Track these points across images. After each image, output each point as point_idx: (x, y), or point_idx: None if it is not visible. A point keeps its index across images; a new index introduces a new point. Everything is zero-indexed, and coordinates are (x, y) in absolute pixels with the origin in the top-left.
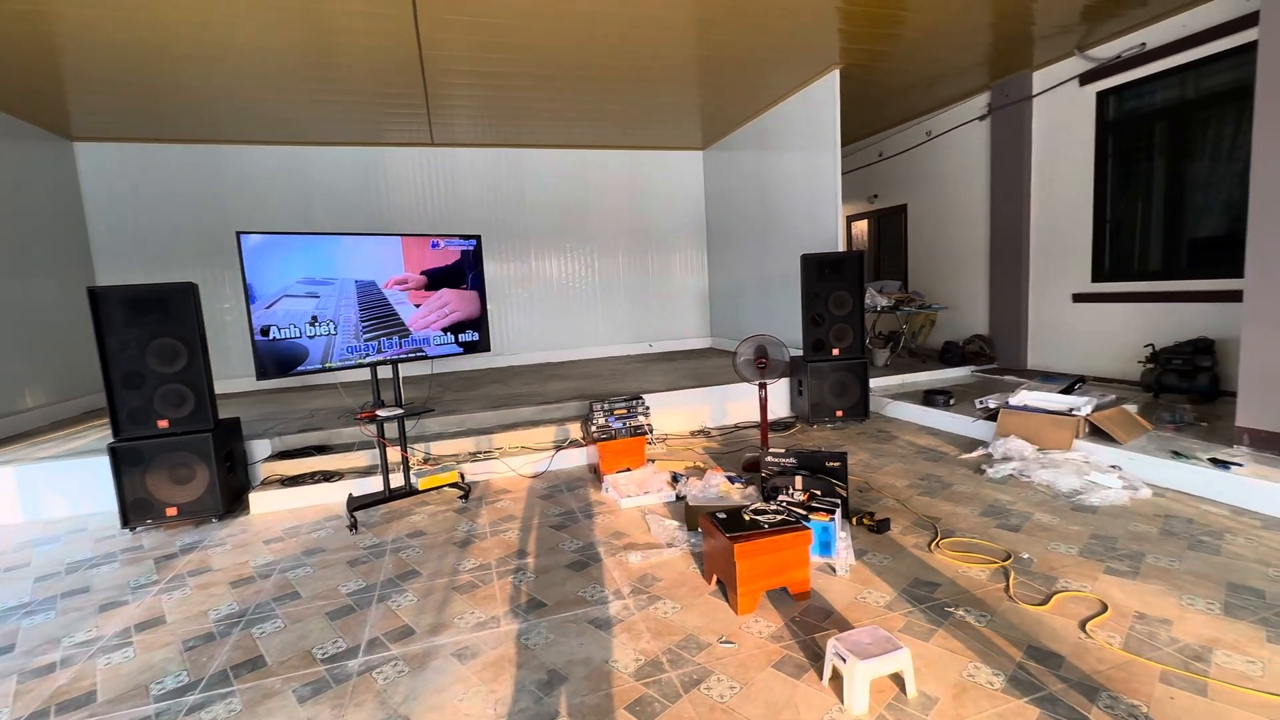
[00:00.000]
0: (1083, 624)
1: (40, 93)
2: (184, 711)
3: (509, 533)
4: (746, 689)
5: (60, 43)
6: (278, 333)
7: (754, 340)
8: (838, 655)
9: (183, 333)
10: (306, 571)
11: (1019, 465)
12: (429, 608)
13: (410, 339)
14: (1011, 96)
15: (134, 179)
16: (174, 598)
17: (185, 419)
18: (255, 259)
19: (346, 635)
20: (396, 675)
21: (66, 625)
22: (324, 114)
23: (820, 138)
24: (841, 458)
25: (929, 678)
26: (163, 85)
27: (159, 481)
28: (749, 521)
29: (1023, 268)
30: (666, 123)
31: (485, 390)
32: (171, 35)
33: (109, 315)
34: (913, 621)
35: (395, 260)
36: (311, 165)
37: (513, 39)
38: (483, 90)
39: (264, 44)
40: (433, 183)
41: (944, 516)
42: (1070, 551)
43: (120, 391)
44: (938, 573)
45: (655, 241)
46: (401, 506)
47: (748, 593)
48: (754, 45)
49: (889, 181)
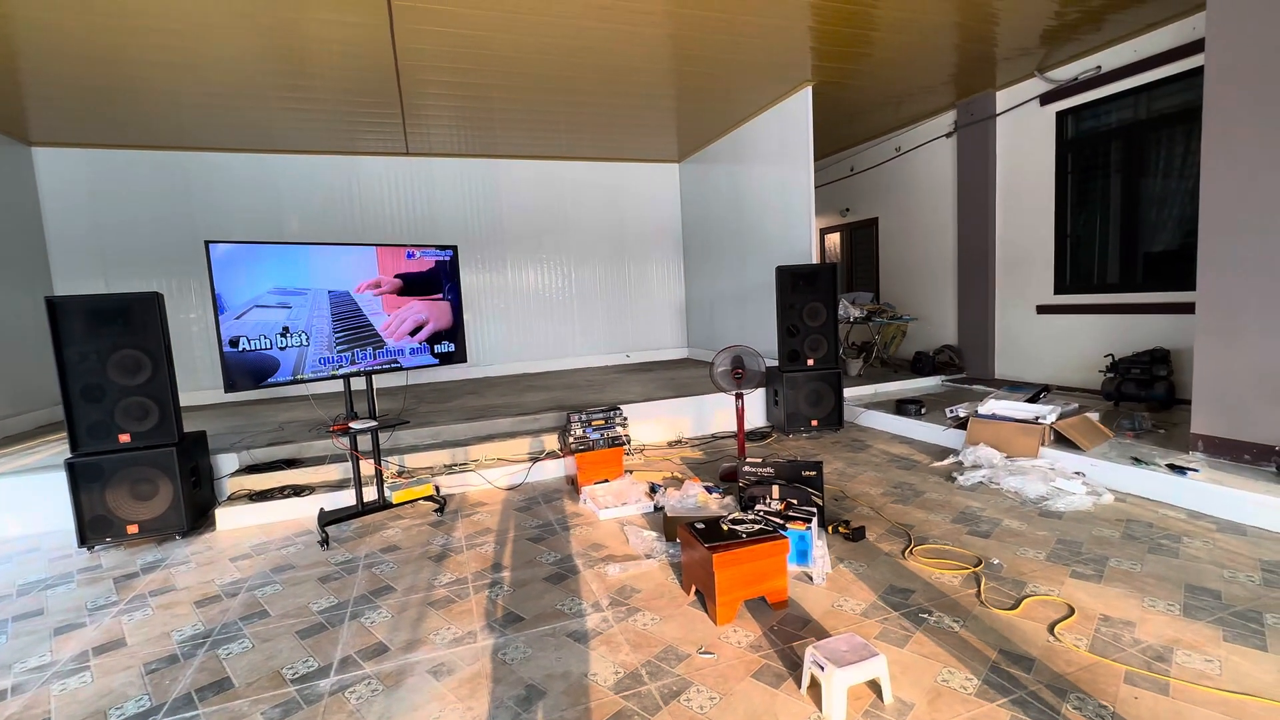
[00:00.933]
0: (1051, 627)
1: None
2: None
3: (485, 546)
4: (726, 699)
5: (19, 45)
6: (247, 344)
7: (730, 351)
8: (815, 663)
9: (146, 344)
10: (275, 589)
11: (988, 473)
12: (403, 624)
13: (385, 350)
14: (976, 115)
15: (96, 186)
16: (135, 619)
17: (148, 433)
18: (224, 269)
19: (318, 654)
20: (370, 694)
21: (18, 650)
22: (296, 122)
23: (794, 152)
24: (817, 467)
25: (905, 683)
26: (128, 90)
27: (119, 498)
28: (727, 531)
29: (989, 280)
30: (643, 135)
31: (461, 402)
32: (139, 40)
33: (68, 326)
34: (888, 628)
35: (370, 271)
36: (283, 174)
37: (490, 50)
38: (459, 100)
39: (235, 51)
40: (408, 193)
41: (917, 524)
42: (1038, 556)
43: (79, 405)
44: (912, 579)
45: (632, 252)
46: (375, 521)
47: (726, 603)
48: (729, 62)
49: (861, 195)
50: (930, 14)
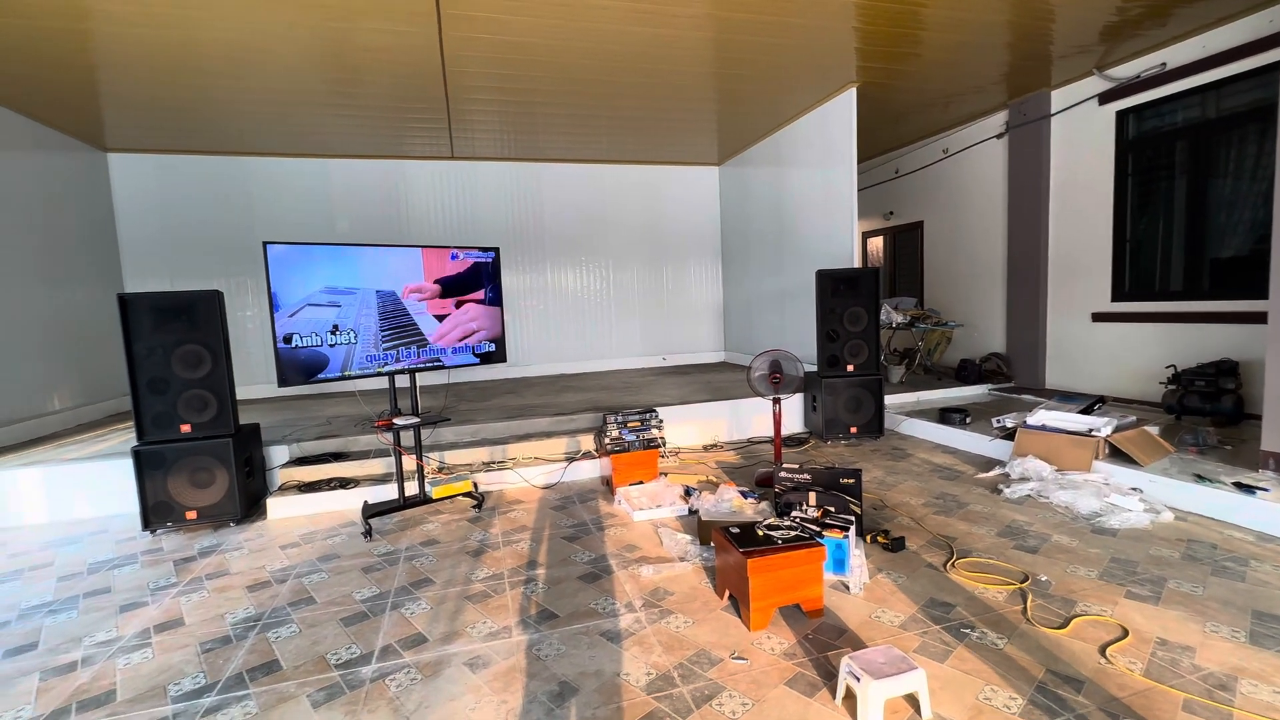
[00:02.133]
0: (1103, 649)
1: (77, 106)
2: (201, 713)
3: (521, 543)
4: (759, 706)
5: (98, 59)
6: (300, 340)
7: (768, 355)
8: (851, 674)
9: (208, 339)
10: (322, 577)
11: (1037, 486)
12: (442, 616)
13: (428, 349)
14: (1029, 115)
15: (163, 189)
16: (192, 600)
17: (207, 424)
18: (280, 268)
19: (360, 641)
20: (409, 683)
21: (88, 625)
22: (347, 127)
23: (837, 154)
24: (855, 475)
25: (945, 699)
26: (193, 99)
27: (180, 485)
28: (763, 537)
29: (1041, 286)
30: (683, 138)
31: (499, 401)
32: (205, 52)
33: (137, 321)
34: (928, 641)
35: (415, 271)
36: (334, 177)
37: (534, 56)
38: (503, 106)
39: (292, 61)
40: (452, 195)
41: (960, 536)
42: (1090, 575)
43: (145, 396)
44: (954, 592)
45: (670, 255)
46: (416, 515)
47: (760, 609)
48: (772, 65)
49: (905, 198)
50: (982, 12)
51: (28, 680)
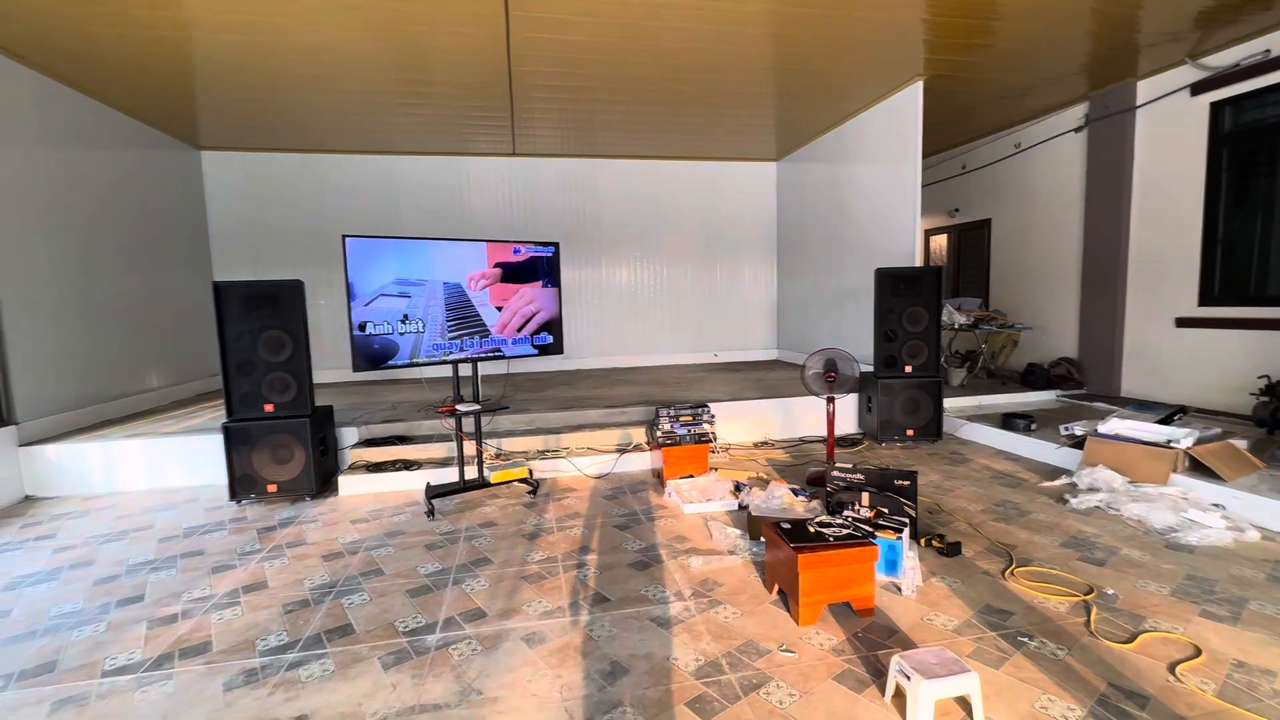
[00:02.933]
0: (1172, 667)
1: (175, 107)
2: (285, 667)
3: (574, 529)
4: (806, 698)
5: (196, 64)
6: (373, 329)
7: (824, 354)
8: (902, 673)
9: (290, 326)
10: (389, 551)
11: (1107, 497)
12: (499, 594)
13: (490, 339)
14: (1112, 107)
15: (248, 184)
16: (274, 566)
17: (287, 404)
18: (357, 260)
19: (425, 612)
20: (470, 653)
21: (186, 582)
22: (416, 126)
23: (900, 150)
24: (911, 476)
25: (998, 706)
26: (278, 101)
27: (263, 460)
28: (814, 534)
29: (1119, 288)
30: (741, 134)
31: (553, 392)
32: (290, 57)
33: (229, 308)
34: (983, 647)
35: (480, 264)
36: (402, 174)
37: (597, 56)
38: (564, 104)
39: (368, 64)
40: (512, 191)
41: (1020, 544)
42: (1161, 590)
43: (235, 377)
44: (1012, 601)
45: (724, 251)
46: (474, 498)
47: (810, 604)
48: (834, 58)
49: (972, 195)
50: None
51: (137, 628)
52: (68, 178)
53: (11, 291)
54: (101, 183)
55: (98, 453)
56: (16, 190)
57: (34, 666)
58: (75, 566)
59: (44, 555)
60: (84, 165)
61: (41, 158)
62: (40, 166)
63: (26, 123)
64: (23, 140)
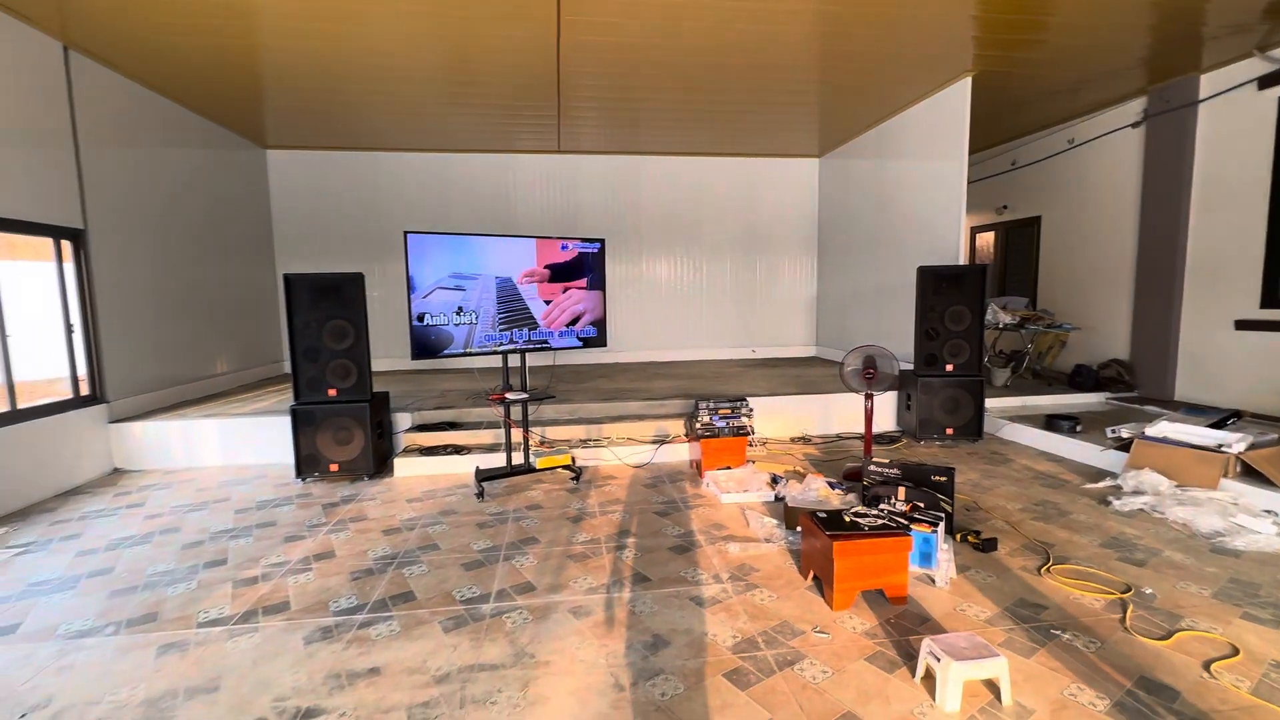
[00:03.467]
0: (1207, 664)
1: (245, 109)
2: (356, 626)
3: (615, 514)
4: (839, 675)
5: (265, 69)
6: (430, 319)
7: (863, 351)
8: (932, 654)
9: (352, 315)
10: (443, 528)
11: (1151, 500)
12: (547, 570)
13: (537, 331)
14: (1172, 102)
15: (309, 181)
16: (340, 537)
17: (349, 389)
18: (417, 254)
19: (479, 584)
20: (522, 621)
21: (262, 550)
22: (466, 124)
23: (946, 147)
24: (948, 472)
25: (1027, 691)
26: (339, 102)
27: (326, 441)
28: (849, 523)
29: (1175, 289)
30: (785, 131)
31: (594, 383)
32: (352, 60)
33: (298, 298)
34: (1014, 638)
35: (529, 259)
36: (452, 170)
37: (644, 56)
38: (609, 103)
39: (424, 66)
40: (556, 187)
41: (1058, 543)
42: (1202, 592)
43: (302, 363)
44: (1045, 597)
45: (765, 247)
46: (521, 482)
47: (844, 590)
48: (882, 56)
49: (1021, 191)
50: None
51: (223, 587)
52: (151, 175)
53: (104, 281)
54: (179, 180)
55: (178, 431)
56: (111, 187)
57: (139, 616)
58: (165, 532)
59: (136, 521)
60: (165, 163)
61: (131, 157)
62: (130, 166)
63: (122, 127)
64: (118, 141)
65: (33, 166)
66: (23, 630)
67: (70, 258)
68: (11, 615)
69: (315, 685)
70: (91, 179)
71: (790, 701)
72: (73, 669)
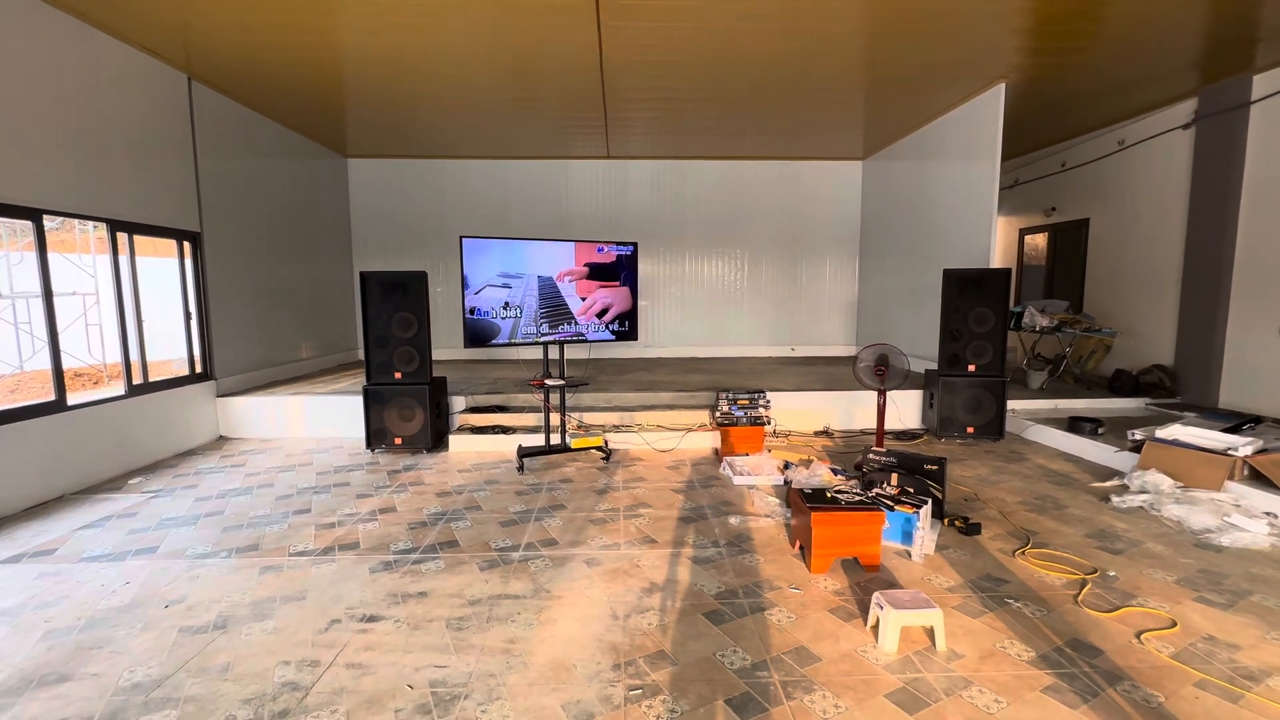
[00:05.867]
0: (1140, 633)
1: (329, 122)
2: (410, 562)
3: (637, 490)
4: (800, 620)
5: (348, 88)
6: (481, 314)
7: (876, 348)
8: (878, 604)
9: (416, 309)
10: (486, 494)
11: (1151, 499)
12: (570, 530)
13: (575, 325)
14: (1224, 104)
15: (382, 186)
16: (401, 497)
17: (412, 373)
18: (471, 255)
19: (511, 538)
20: (544, 567)
21: (338, 503)
22: (524, 132)
23: (980, 151)
24: (939, 462)
25: (963, 642)
26: (409, 113)
27: (392, 417)
28: (829, 498)
29: (1222, 295)
30: (827, 134)
31: (632, 375)
32: (422, 74)
33: (371, 293)
34: (968, 603)
35: (569, 261)
36: (511, 175)
37: (687, 69)
38: (655, 112)
39: (485, 83)
40: (605, 190)
41: (1043, 532)
42: (1166, 579)
43: (373, 349)
44: (1011, 574)
45: (807, 248)
46: (557, 459)
47: (821, 555)
48: (923, 66)
49: (1071, 193)
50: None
51: (308, 529)
52: (252, 184)
53: (215, 276)
54: (274, 187)
55: (271, 406)
56: (221, 195)
57: (245, 546)
58: (262, 487)
59: (238, 477)
60: (263, 173)
61: (237, 169)
62: (236, 176)
63: (231, 143)
64: (227, 155)
65: (164, 180)
66: (161, 550)
67: (189, 256)
68: (151, 540)
69: (378, 600)
70: (206, 189)
71: (753, 636)
72: (199, 579)
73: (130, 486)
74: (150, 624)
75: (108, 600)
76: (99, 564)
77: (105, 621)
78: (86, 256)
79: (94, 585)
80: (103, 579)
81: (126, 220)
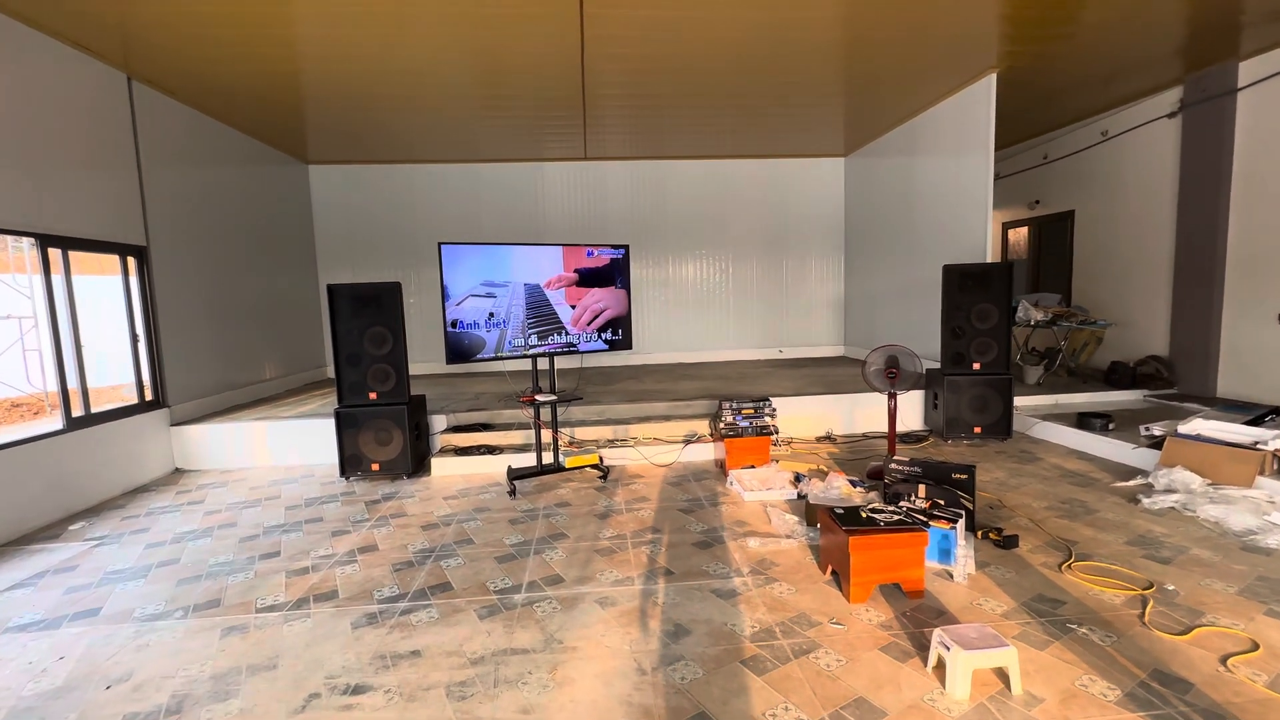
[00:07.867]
0: (1225, 658)
1: (288, 127)
2: (398, 613)
3: (642, 511)
4: (852, 663)
5: (307, 91)
6: (464, 326)
7: (886, 350)
8: (942, 644)
9: (390, 322)
10: (477, 524)
11: (1183, 498)
12: (575, 563)
13: (565, 335)
14: (1210, 91)
15: (347, 194)
16: (382, 532)
17: (388, 393)
18: (450, 264)
19: (511, 576)
20: (551, 610)
21: (311, 543)
22: (495, 134)
23: (972, 144)
24: (969, 470)
25: (1038, 681)
26: (374, 117)
27: (367, 441)
28: (865, 518)
29: (1215, 284)
30: (809, 131)
31: (622, 385)
32: (388, 78)
33: (340, 307)
34: (1029, 631)
35: (556, 267)
36: (483, 180)
37: (667, 65)
38: (634, 110)
39: (454, 82)
40: (582, 193)
41: (1082, 541)
42: (1227, 589)
43: (344, 367)
44: (1064, 592)
45: (791, 247)
46: (550, 480)
47: (860, 583)
48: (906, 56)
49: (1054, 185)
50: None
51: (277, 577)
52: (204, 193)
53: (164, 293)
54: (229, 196)
55: (232, 433)
56: (170, 206)
57: (204, 602)
58: (223, 527)
59: (197, 517)
60: (216, 182)
61: (187, 177)
62: (185, 185)
63: (179, 149)
64: (175, 163)
65: (103, 189)
66: (104, 613)
67: (135, 272)
68: (93, 600)
69: (363, 665)
70: (153, 198)
71: (804, 687)
72: (149, 647)
73: (70, 534)
74: (86, 714)
75: (36, 683)
76: (28, 635)
77: (30, 713)
78: (23, 276)
79: (19, 664)
80: (31, 655)
81: (58, 234)
